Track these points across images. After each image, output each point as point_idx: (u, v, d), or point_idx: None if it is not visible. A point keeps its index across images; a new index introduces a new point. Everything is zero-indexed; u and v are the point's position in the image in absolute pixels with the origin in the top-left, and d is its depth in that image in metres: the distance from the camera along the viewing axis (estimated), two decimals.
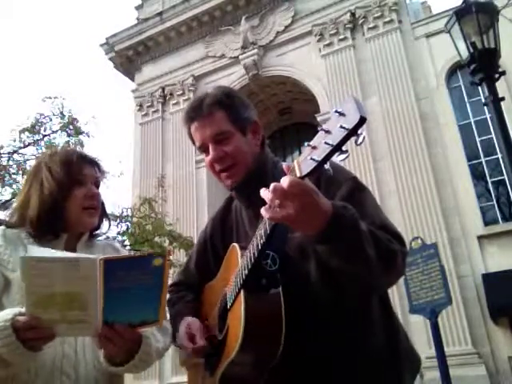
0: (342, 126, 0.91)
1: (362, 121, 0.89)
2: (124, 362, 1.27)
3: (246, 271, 1.27)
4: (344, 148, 0.94)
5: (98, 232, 1.65)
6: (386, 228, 1.30)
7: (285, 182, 1.03)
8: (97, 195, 1.55)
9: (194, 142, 1.58)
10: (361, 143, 0.91)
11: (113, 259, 1.12)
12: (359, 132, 0.91)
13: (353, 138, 0.92)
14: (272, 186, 1.05)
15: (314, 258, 1.33)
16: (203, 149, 1.53)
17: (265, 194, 1.08)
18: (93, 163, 1.60)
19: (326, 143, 0.94)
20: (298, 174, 1.02)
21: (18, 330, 1.13)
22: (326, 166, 0.98)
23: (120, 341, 1.18)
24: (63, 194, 1.48)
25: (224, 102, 1.51)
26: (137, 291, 1.12)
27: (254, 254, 1.25)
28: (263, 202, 1.11)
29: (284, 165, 1.10)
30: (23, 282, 1.11)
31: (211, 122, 1.49)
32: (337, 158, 0.95)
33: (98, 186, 1.59)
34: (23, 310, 1.14)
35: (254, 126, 1.57)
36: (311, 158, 0.98)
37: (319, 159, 0.96)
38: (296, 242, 1.35)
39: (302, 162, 1.02)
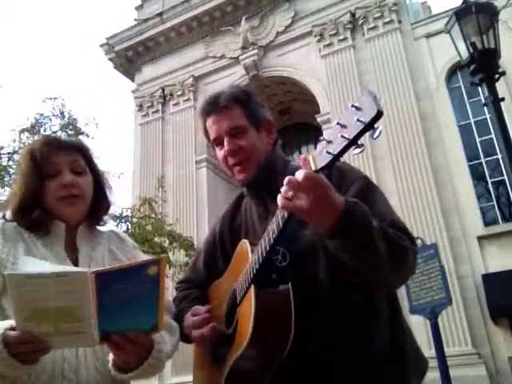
0: (358, 120, 0.92)
1: (379, 114, 0.90)
2: (133, 368, 1.23)
3: (257, 266, 1.28)
4: (360, 142, 0.95)
5: (102, 217, 1.56)
6: (397, 226, 1.31)
7: (299, 174, 1.05)
8: (72, 183, 1.43)
9: (207, 137, 1.60)
10: (377, 137, 0.92)
11: (104, 272, 1.08)
12: (375, 126, 0.92)
13: (369, 132, 0.93)
14: (287, 178, 1.07)
15: (323, 255, 1.34)
16: (217, 142, 1.56)
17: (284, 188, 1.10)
18: (66, 147, 1.48)
19: (342, 137, 0.95)
20: (313, 168, 1.04)
21: (10, 345, 1.10)
22: (342, 160, 1.00)
23: (132, 347, 1.15)
24: (34, 188, 1.42)
25: (241, 99, 1.55)
26: (132, 300, 1.09)
27: (265, 248, 1.25)
28: (273, 200, 1.12)
29: (301, 156, 1.11)
30: (12, 298, 1.07)
31: (228, 116, 1.52)
32: (352, 152, 0.96)
33: (77, 170, 1.47)
34: (15, 323, 1.11)
35: (269, 125, 1.60)
36: (327, 152, 0.99)
37: (335, 153, 0.97)
38: (306, 239, 1.36)
39: (318, 156, 1.03)
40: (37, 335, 1.08)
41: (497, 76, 4.89)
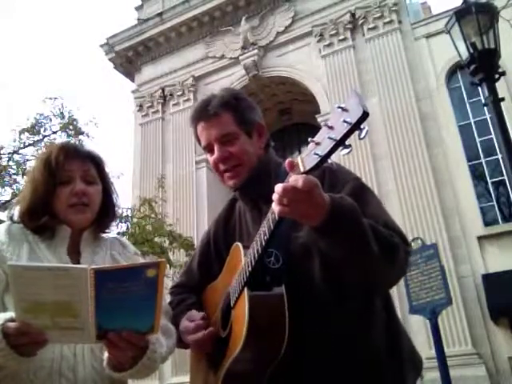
0: (344, 121, 0.93)
1: (365, 115, 0.91)
2: (127, 367, 1.25)
3: (250, 268, 1.28)
4: (347, 142, 0.96)
5: (106, 226, 1.60)
6: (389, 226, 1.31)
7: (293, 181, 1.07)
8: (83, 191, 1.46)
9: (199, 142, 1.60)
10: (364, 137, 0.93)
11: (103, 270, 1.10)
12: (362, 126, 0.93)
13: (356, 133, 0.94)
14: (280, 186, 1.09)
15: (317, 256, 1.34)
16: (209, 149, 1.56)
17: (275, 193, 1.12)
18: (80, 156, 1.52)
19: (329, 138, 0.96)
20: (302, 170, 1.05)
21: (9, 336, 1.12)
22: (330, 161, 1.00)
23: (127, 347, 1.17)
24: (46, 194, 1.45)
25: (231, 104, 1.54)
26: (130, 301, 1.10)
27: (257, 250, 1.26)
28: (266, 203, 1.13)
29: (287, 161, 1.11)
30: (12, 289, 1.10)
31: (218, 123, 1.52)
32: (340, 153, 0.97)
33: (89, 179, 1.51)
34: (14, 315, 1.13)
35: (260, 128, 1.59)
36: (315, 153, 1.00)
37: (323, 154, 0.98)
38: (300, 241, 1.36)
39: (306, 158, 1.04)
40: (35, 327, 1.10)
41: (497, 76, 4.90)
